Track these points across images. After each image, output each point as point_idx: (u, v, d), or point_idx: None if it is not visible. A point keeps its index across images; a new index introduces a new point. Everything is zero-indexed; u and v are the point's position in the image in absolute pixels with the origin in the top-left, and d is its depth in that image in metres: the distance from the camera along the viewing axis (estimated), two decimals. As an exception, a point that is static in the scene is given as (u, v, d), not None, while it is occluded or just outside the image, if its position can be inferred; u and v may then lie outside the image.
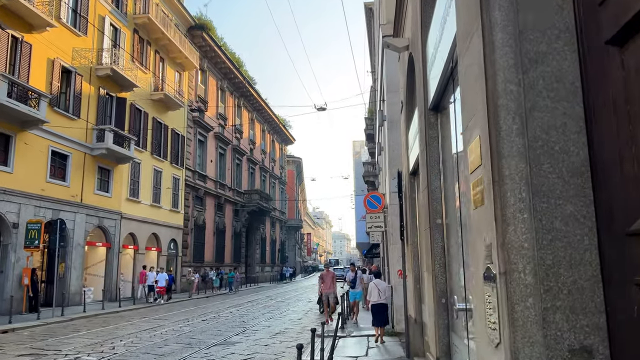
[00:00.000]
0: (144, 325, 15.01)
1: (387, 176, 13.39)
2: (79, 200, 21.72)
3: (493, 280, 2.38)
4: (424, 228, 5.46)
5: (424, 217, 5.44)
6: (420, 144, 5.45)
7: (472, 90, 2.73)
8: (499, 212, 2.28)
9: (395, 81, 12.80)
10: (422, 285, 8.09)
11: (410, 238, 8.54)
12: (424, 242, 5.70)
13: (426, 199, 5.05)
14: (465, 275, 3.86)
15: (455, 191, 4.53)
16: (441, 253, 4.76)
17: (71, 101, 21.55)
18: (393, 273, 12.58)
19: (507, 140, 2.27)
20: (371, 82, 34.81)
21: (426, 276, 5.80)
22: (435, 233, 4.81)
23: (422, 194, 5.64)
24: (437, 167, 4.89)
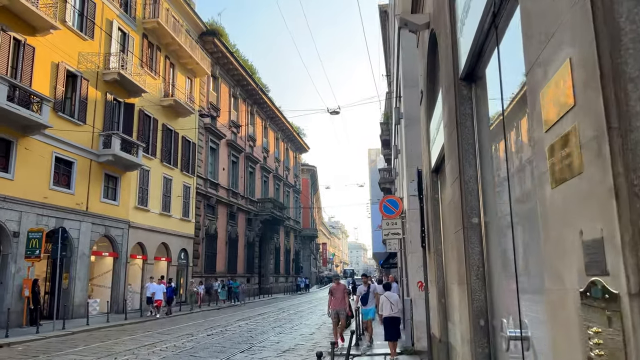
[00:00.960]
0: (145, 340, 14.07)
1: (405, 179, 12.32)
2: (84, 209, 21.01)
3: (606, 303, 1.34)
4: (453, 230, 4.40)
5: (453, 216, 4.38)
6: (449, 125, 4.40)
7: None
8: (624, 179, 1.25)
9: (412, 75, 11.81)
10: (449, 300, 6.99)
11: (433, 245, 7.45)
12: (453, 247, 4.64)
13: (458, 193, 4.00)
14: (521, 291, 2.79)
15: (497, 180, 3.48)
16: (479, 261, 3.70)
17: (76, 106, 20.94)
18: (412, 284, 11.45)
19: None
20: (386, 88, 33.88)
21: (456, 290, 4.72)
22: (470, 235, 3.76)
23: (450, 188, 4.58)
24: (472, 151, 3.84)
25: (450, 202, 4.65)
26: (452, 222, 4.62)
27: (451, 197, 4.55)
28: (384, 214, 12.18)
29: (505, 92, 3.09)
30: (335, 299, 12.45)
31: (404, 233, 12.33)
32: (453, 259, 4.81)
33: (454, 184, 4.20)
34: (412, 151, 11.62)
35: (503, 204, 3.36)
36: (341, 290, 12.61)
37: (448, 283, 6.96)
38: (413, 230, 11.33)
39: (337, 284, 12.82)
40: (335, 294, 12.52)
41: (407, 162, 11.75)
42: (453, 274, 4.90)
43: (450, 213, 4.79)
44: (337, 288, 12.63)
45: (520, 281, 2.81)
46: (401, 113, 12.50)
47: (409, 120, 11.88)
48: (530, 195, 2.68)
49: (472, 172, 3.85)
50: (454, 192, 4.24)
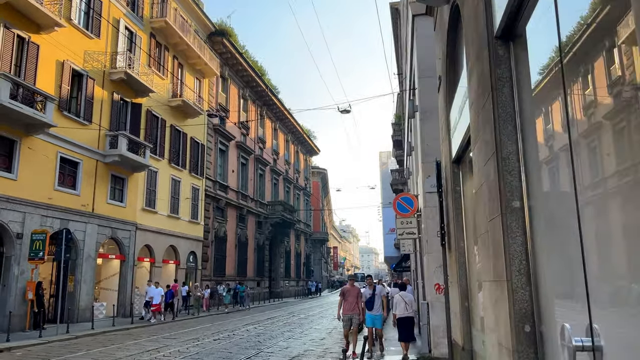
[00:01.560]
0: (148, 345, 13.51)
1: (420, 175, 11.65)
2: (90, 210, 20.59)
3: None
4: (486, 218, 3.74)
5: (487, 202, 3.73)
6: (481, 96, 3.76)
7: None
8: None
9: (428, 65, 11.17)
10: (474, 303, 6.32)
11: (454, 243, 6.80)
12: (486, 240, 3.99)
13: (493, 174, 3.36)
14: (591, 290, 2.15)
15: (548, 154, 2.85)
16: (522, 253, 3.05)
17: (82, 106, 20.57)
18: (429, 287, 10.77)
19: None
20: (398, 87, 33.21)
21: (488, 289, 4.06)
22: (510, 222, 3.11)
23: (481, 171, 3.93)
24: (512, 121, 3.20)
25: (482, 186, 4.00)
26: (484, 210, 3.97)
27: (483, 180, 3.89)
28: (398, 212, 11.53)
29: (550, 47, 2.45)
30: (347, 303, 10.87)
31: (419, 232, 11.67)
32: (485, 253, 4.16)
33: (488, 163, 3.55)
34: (428, 145, 10.97)
35: (558, 184, 2.72)
36: (355, 293, 10.98)
37: (473, 283, 6.31)
38: (429, 230, 10.66)
39: (351, 285, 11.22)
40: (348, 296, 10.92)
41: (423, 158, 11.09)
42: (485, 271, 4.24)
43: (482, 200, 4.14)
44: (350, 290, 11.01)
45: (590, 278, 2.16)
46: (416, 106, 11.86)
47: (424, 113, 11.23)
48: (608, 171, 2.05)
49: (512, 146, 3.20)
50: (488, 173, 3.59)
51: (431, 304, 10.56)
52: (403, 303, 11.00)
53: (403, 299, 11.04)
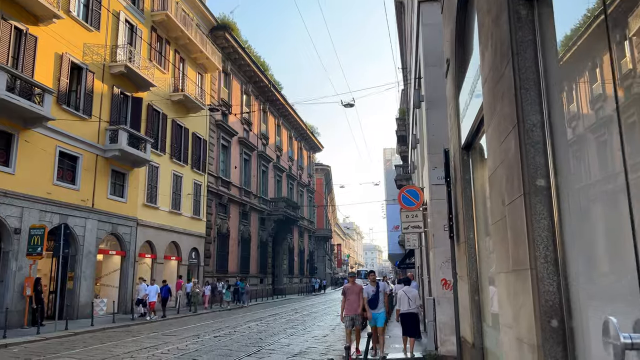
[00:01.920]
0: (147, 342, 13.21)
1: (426, 167, 11.26)
2: (90, 205, 20.31)
3: None
4: (505, 201, 3.36)
5: (504, 183, 3.35)
6: (498, 64, 3.38)
7: None
8: None
9: (435, 52, 10.77)
10: (484, 297, 5.95)
11: (463, 235, 6.42)
12: (501, 227, 3.62)
13: (514, 149, 2.98)
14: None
15: (582, 125, 2.48)
16: (548, 238, 2.68)
17: (82, 99, 20.26)
18: (435, 283, 10.39)
19: None
20: (402, 83, 32.76)
21: (505, 280, 3.70)
22: (534, 203, 2.74)
23: (500, 149, 3.55)
24: (536, 89, 2.83)
25: (498, 169, 3.63)
26: (500, 194, 3.60)
27: (499, 161, 3.52)
28: (403, 205, 11.15)
29: None
30: (349, 302, 10.06)
31: (425, 226, 11.28)
32: (500, 242, 3.79)
33: (507, 139, 3.18)
34: (435, 135, 10.58)
35: (596, 159, 2.35)
36: (356, 290, 10.17)
37: (484, 276, 5.94)
38: (436, 223, 10.28)
39: (352, 282, 10.38)
40: (349, 295, 10.10)
41: (429, 149, 10.71)
42: (500, 262, 3.87)
43: (497, 184, 3.77)
44: (351, 288, 10.20)
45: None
46: (422, 96, 11.46)
47: (430, 103, 10.84)
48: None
49: (536, 117, 2.83)
50: (507, 150, 3.22)
51: (437, 300, 10.19)
52: (406, 298, 10.79)
53: (406, 294, 10.83)
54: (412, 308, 10.70)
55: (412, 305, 10.71)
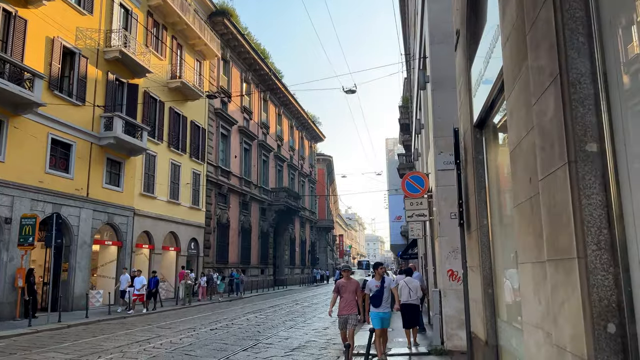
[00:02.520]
0: (140, 335, 12.70)
1: (432, 152, 10.65)
2: (84, 194, 19.76)
3: None
4: (540, 174, 2.76)
5: (539, 152, 2.75)
6: (529, 12, 2.77)
7: None
8: None
9: (442, 29, 10.14)
10: (499, 290, 5.38)
11: (475, 222, 5.84)
12: (530, 207, 3.04)
13: (554, 107, 2.39)
14: None
15: None
16: (602, 218, 2.10)
17: (75, 85, 19.64)
18: (441, 274, 9.83)
19: None
20: (405, 73, 32.03)
21: (533, 273, 3.12)
22: (584, 174, 2.15)
23: (531, 112, 2.95)
24: (585, 29, 2.22)
25: (526, 138, 3.03)
26: (530, 166, 3.00)
27: (530, 126, 2.92)
28: (407, 192, 10.57)
29: None
30: (343, 301, 8.64)
31: (430, 214, 10.71)
32: (527, 225, 3.20)
33: (545, 96, 2.57)
34: (441, 118, 9.97)
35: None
36: (352, 288, 8.65)
37: (499, 267, 5.36)
38: (442, 211, 9.71)
39: (346, 278, 8.77)
40: (344, 293, 8.62)
41: (435, 132, 10.09)
42: (525, 249, 3.28)
43: (523, 158, 3.17)
44: (346, 285, 8.65)
45: None
46: (427, 76, 10.83)
47: (436, 83, 10.21)
48: None
49: (585, 65, 2.22)
50: (543, 110, 2.61)
51: (444, 292, 9.63)
52: (407, 289, 10.51)
53: (407, 285, 10.49)
54: (413, 299, 10.43)
55: (412, 296, 10.44)
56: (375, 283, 8.92)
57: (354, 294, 8.62)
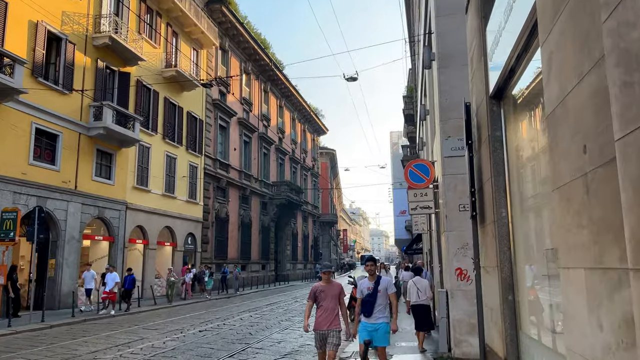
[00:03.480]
0: (122, 338, 11.77)
1: (438, 137, 9.62)
2: (72, 187, 18.84)
3: None
4: (621, 129, 1.76)
5: (616, 94, 1.75)
6: None
7: None
8: None
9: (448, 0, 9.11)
10: (521, 297, 4.38)
11: (491, 213, 4.82)
12: (581, 188, 2.04)
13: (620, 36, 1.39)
14: None
15: None
16: None
17: (61, 73, 18.67)
18: (448, 272, 8.82)
19: None
20: (410, 65, 30.93)
21: (588, 281, 2.13)
22: None
23: (619, 12, 1.94)
24: None
25: (593, 72, 2.02)
26: (587, 129, 1.99)
27: (609, 44, 1.90)
28: (410, 182, 9.55)
29: None
30: (321, 311, 6.31)
31: (436, 207, 9.69)
32: (575, 214, 2.19)
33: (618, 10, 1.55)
34: (448, 100, 8.93)
35: None
36: (334, 293, 6.37)
37: (520, 269, 4.37)
38: (450, 202, 8.69)
39: (326, 281, 6.45)
40: (323, 301, 6.33)
41: (441, 115, 9.05)
42: (575, 249, 2.28)
43: (577, 111, 2.16)
44: (326, 290, 6.36)
45: None
46: (432, 54, 9.78)
47: (443, 60, 9.16)
48: None
49: None
50: (636, 16, 1.59)
51: (451, 293, 8.63)
52: (415, 289, 9.92)
53: (416, 285, 9.95)
54: (423, 299, 9.80)
55: (421, 297, 9.81)
56: (368, 284, 6.50)
57: (336, 302, 6.30)
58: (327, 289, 6.41)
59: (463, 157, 8.92)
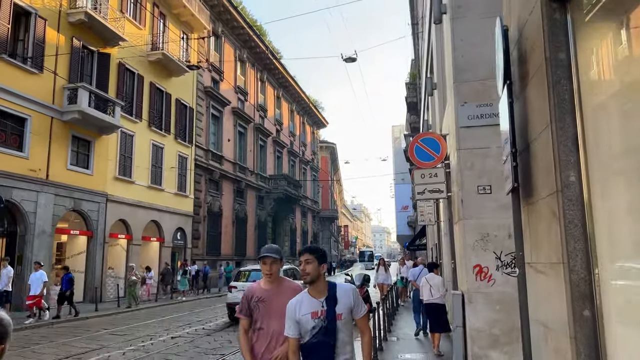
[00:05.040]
0: (77, 347, 10.10)
1: (451, 106, 7.86)
2: (43, 177, 17.17)
3: None
4: None
5: None
6: None
7: None
8: None
9: None
10: (606, 310, 2.65)
11: (553, 179, 3.07)
12: None
13: None
14: None
15: None
16: None
17: (30, 51, 16.98)
18: (464, 271, 7.10)
19: None
20: (412, 55, 29.25)
21: None
22: None
23: None
24: None
25: None
26: None
27: None
28: (417, 160, 7.84)
29: None
30: (263, 338, 3.44)
31: (448, 190, 7.97)
32: None
33: None
34: (464, 56, 7.20)
35: None
36: (279, 306, 3.33)
37: (604, 266, 2.64)
38: (466, 184, 6.98)
39: (270, 279, 3.56)
40: (265, 316, 3.45)
41: (456, 77, 7.31)
42: None
43: None
44: (270, 297, 3.49)
45: None
46: (443, 5, 8.04)
47: (458, 9, 7.42)
48: None
49: None
50: None
51: (468, 297, 6.92)
52: (428, 286, 9.14)
53: (428, 282, 9.19)
54: (436, 297, 9.02)
55: (435, 294, 9.02)
56: (312, 307, 3.07)
57: (279, 322, 3.33)
58: (272, 295, 3.48)
59: (482, 127, 7.23)
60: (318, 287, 3.13)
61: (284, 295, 3.41)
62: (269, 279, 3.58)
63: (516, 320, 6.63)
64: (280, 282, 3.63)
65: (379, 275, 17.62)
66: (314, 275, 3.10)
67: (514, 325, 6.76)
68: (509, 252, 6.69)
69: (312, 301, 3.10)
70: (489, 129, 7.02)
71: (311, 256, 3.12)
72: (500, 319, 6.83)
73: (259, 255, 3.57)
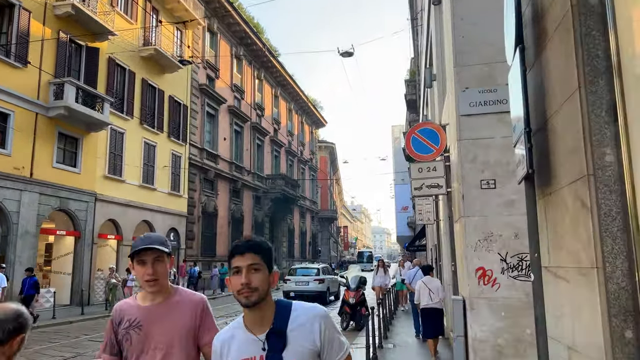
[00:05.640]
0: (46, 356, 9.43)
1: (451, 94, 7.20)
2: (27, 175, 16.52)
3: None
4: None
5: None
6: None
7: None
8: None
9: None
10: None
11: (583, 160, 2.41)
12: None
13: None
14: None
15: None
16: None
17: (13, 44, 16.33)
18: (466, 274, 6.42)
19: None
20: (412, 55, 28.64)
21: None
22: None
23: None
24: None
25: None
26: None
27: None
28: (414, 153, 7.18)
29: None
30: None
31: (448, 185, 7.31)
32: None
33: None
34: (466, 36, 6.54)
35: None
36: (178, 330, 2.19)
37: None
38: (468, 177, 6.32)
39: (150, 292, 2.26)
40: (142, 351, 2.17)
41: (456, 60, 6.65)
42: None
43: None
44: (151, 322, 2.19)
45: None
46: (443, -16, 7.38)
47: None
48: None
49: None
50: None
51: (470, 303, 6.25)
52: (426, 290, 8.80)
53: (426, 285, 8.86)
54: (435, 302, 8.68)
55: (434, 299, 8.68)
56: (245, 348, 1.74)
57: (188, 355, 2.20)
58: (154, 316, 2.23)
59: (485, 115, 6.56)
60: (261, 311, 1.77)
61: (177, 315, 2.21)
62: (151, 289, 2.22)
63: (524, 330, 5.95)
64: (170, 295, 2.29)
65: (378, 277, 16.97)
66: (262, 292, 1.76)
67: (522, 336, 6.09)
68: (515, 254, 6.05)
69: (247, 338, 1.76)
70: (492, 117, 6.38)
71: (257, 257, 1.79)
72: (505, 328, 6.16)
73: (133, 250, 2.22)
